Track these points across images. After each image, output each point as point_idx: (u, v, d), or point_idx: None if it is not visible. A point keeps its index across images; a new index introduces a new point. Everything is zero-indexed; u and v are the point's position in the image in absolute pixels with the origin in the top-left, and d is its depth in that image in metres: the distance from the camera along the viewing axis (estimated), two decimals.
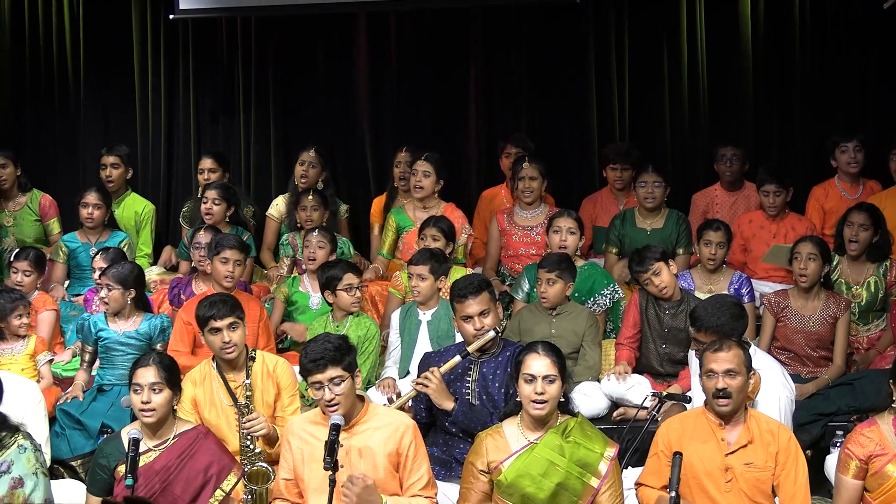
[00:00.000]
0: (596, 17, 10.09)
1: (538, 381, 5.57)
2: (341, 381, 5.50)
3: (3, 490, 5.59)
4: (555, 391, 5.59)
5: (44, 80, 10.45)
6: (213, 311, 6.35)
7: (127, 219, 9.14)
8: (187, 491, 5.69)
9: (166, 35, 10.37)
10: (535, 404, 5.58)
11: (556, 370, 5.60)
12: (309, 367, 5.51)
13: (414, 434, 5.62)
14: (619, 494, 5.61)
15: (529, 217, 8.60)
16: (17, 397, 6.45)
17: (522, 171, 8.55)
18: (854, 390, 7.10)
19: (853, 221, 7.76)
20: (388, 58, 10.36)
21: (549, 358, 5.62)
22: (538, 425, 5.64)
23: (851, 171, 8.76)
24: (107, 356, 7.23)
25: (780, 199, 8.38)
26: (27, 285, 7.89)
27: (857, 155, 8.71)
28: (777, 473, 5.54)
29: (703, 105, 10.04)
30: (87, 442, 6.88)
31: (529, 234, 8.56)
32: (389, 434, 5.58)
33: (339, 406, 5.50)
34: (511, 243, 8.61)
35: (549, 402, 5.59)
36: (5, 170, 9.10)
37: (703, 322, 6.31)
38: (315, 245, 7.97)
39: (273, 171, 10.39)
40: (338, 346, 5.55)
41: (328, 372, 5.48)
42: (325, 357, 5.48)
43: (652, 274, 7.28)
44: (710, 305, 6.41)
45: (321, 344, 5.54)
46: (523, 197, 8.57)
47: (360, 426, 5.60)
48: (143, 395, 5.71)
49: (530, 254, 8.48)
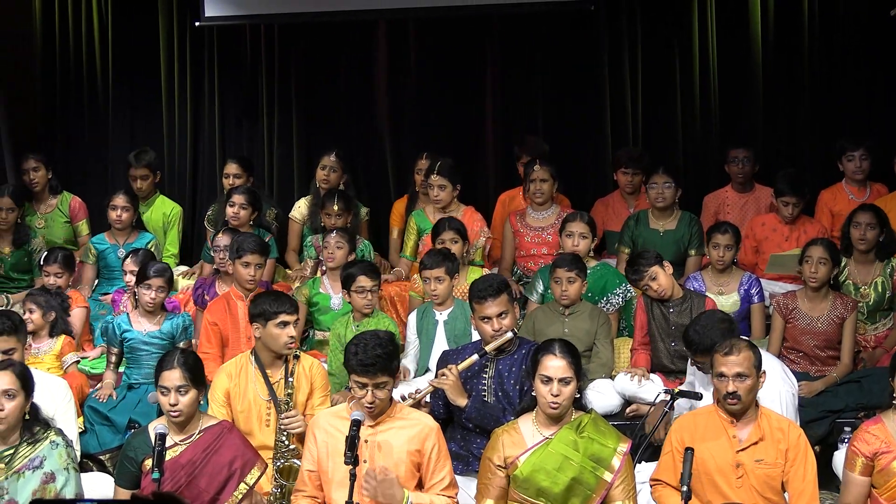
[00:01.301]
0: (609, 25, 10.09)
1: (554, 383, 5.57)
2: (385, 386, 5.52)
3: (36, 484, 5.59)
4: (570, 392, 5.60)
5: (74, 86, 10.48)
6: (284, 307, 6.33)
7: (155, 220, 9.17)
8: (212, 484, 5.69)
9: (192, 42, 10.40)
10: (550, 405, 5.59)
11: (571, 372, 5.60)
12: (358, 370, 5.48)
13: (437, 437, 5.63)
14: (631, 488, 5.62)
15: (541, 218, 8.60)
16: (48, 394, 6.47)
17: (534, 173, 8.55)
18: (861, 388, 7.11)
19: (860, 221, 7.75)
20: (408, 64, 10.37)
21: (566, 360, 5.62)
22: (553, 422, 5.64)
23: (857, 179, 8.76)
24: (132, 356, 7.26)
25: (798, 208, 8.37)
26: (60, 286, 7.93)
27: (862, 163, 8.72)
28: (787, 470, 5.53)
29: (713, 109, 10.04)
30: (115, 437, 6.92)
31: (541, 234, 8.56)
32: (413, 434, 5.59)
33: (376, 407, 5.52)
34: (524, 244, 8.61)
35: (564, 403, 5.59)
36: (37, 173, 9.15)
37: (698, 346, 6.28)
38: (333, 246, 7.98)
39: (295, 175, 10.41)
40: (389, 351, 5.53)
41: (378, 378, 5.48)
42: (377, 364, 5.46)
43: (649, 279, 7.29)
44: (700, 327, 6.36)
45: (372, 348, 5.50)
46: (534, 198, 8.57)
47: (385, 423, 5.61)
48: (171, 397, 5.72)
49: (542, 254, 8.48)
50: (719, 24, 9.98)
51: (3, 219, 8.62)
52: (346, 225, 8.46)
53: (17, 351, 6.59)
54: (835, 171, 8.96)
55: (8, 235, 8.69)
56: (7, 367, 5.76)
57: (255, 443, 6.10)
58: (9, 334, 6.58)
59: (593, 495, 5.55)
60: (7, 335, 6.57)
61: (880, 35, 9.58)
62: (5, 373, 5.69)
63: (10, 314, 6.95)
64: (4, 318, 6.71)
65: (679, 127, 10.10)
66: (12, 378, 5.67)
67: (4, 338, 6.56)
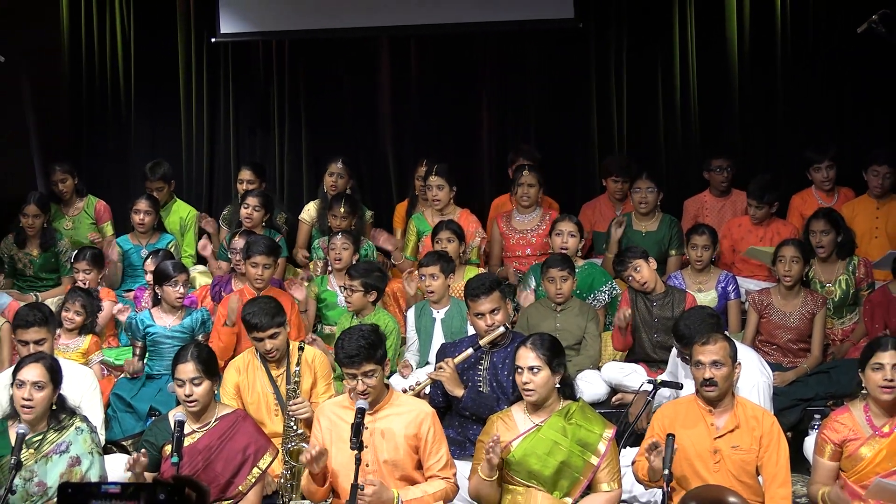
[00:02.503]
0: (596, 41, 10.11)
1: (525, 372, 5.61)
2: (373, 375, 5.53)
3: (63, 467, 5.63)
4: (540, 380, 5.60)
5: (98, 98, 10.51)
6: (256, 321, 6.40)
7: (173, 223, 9.18)
8: (227, 469, 5.72)
9: (208, 57, 10.42)
10: (524, 392, 5.63)
11: (540, 361, 5.61)
12: (345, 362, 5.52)
13: (433, 421, 5.64)
14: (616, 471, 5.64)
15: (526, 221, 8.61)
16: (75, 383, 6.49)
17: (522, 178, 8.57)
18: (830, 378, 7.13)
19: (815, 229, 7.76)
20: (409, 77, 10.40)
21: (535, 351, 5.64)
22: (537, 409, 5.67)
23: (825, 189, 8.79)
24: (155, 349, 7.28)
25: (762, 212, 8.40)
26: (90, 282, 7.97)
27: (828, 173, 8.73)
28: (761, 455, 5.53)
29: (693, 119, 10.06)
30: (137, 424, 6.93)
31: (525, 236, 8.57)
32: (410, 419, 5.60)
33: (369, 395, 5.53)
34: (509, 245, 8.63)
35: (536, 390, 5.61)
36: (65, 183, 9.19)
37: (688, 339, 6.20)
38: (340, 247, 8.01)
39: (304, 180, 10.42)
40: (371, 342, 5.54)
41: (363, 367, 5.50)
42: (360, 354, 5.48)
43: (632, 270, 7.31)
44: (690, 322, 6.33)
45: (356, 340, 5.53)
46: (521, 202, 8.59)
47: (383, 411, 5.62)
48: (186, 388, 5.75)
49: (526, 254, 8.50)
50: (699, 39, 10.00)
51: (30, 224, 8.64)
52: (351, 227, 8.48)
53: (46, 341, 6.62)
54: (805, 177, 8.96)
55: (35, 239, 8.71)
56: (38, 360, 5.78)
57: (267, 431, 6.14)
58: (39, 325, 6.62)
59: (581, 477, 5.57)
60: (38, 326, 6.61)
61: (849, 50, 9.58)
62: (36, 365, 5.72)
63: (40, 306, 6.98)
64: (36, 311, 6.75)
65: (661, 135, 10.13)
66: (42, 371, 5.69)
67: (35, 329, 6.60)
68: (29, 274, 8.73)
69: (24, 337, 6.60)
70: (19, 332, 6.63)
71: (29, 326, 6.59)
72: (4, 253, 8.72)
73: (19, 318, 6.69)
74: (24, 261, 8.70)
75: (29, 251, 8.70)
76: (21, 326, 6.62)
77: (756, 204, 8.38)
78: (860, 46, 9.05)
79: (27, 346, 6.54)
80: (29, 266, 8.70)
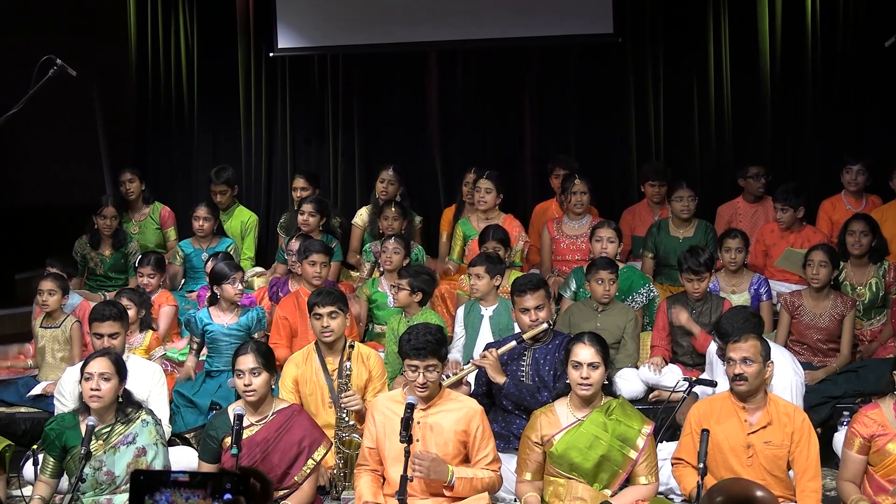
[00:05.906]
0: (635, 54, 10.06)
1: (584, 367, 5.60)
2: (434, 370, 5.55)
3: (130, 458, 5.69)
4: (598, 376, 5.62)
5: (163, 110, 10.56)
6: (317, 300, 6.47)
7: (234, 227, 9.23)
8: (284, 460, 5.75)
9: (267, 70, 10.46)
10: (581, 387, 5.61)
11: (599, 358, 5.62)
12: (411, 354, 5.55)
13: (482, 418, 5.66)
14: (653, 465, 5.64)
15: (576, 227, 8.58)
16: (143, 379, 6.55)
17: (574, 186, 8.52)
18: (858, 376, 7.09)
19: (854, 230, 7.71)
20: (456, 89, 10.38)
21: (594, 347, 5.65)
22: (584, 404, 5.66)
23: (852, 190, 8.71)
24: (213, 346, 7.29)
25: (787, 215, 8.31)
26: (152, 285, 8.03)
27: (858, 177, 8.66)
28: (792, 450, 5.51)
29: (727, 129, 9.99)
30: (199, 418, 6.94)
31: (576, 241, 8.54)
32: (460, 416, 5.62)
33: (427, 390, 5.55)
34: (560, 250, 8.60)
35: (594, 385, 5.61)
36: (133, 184, 9.26)
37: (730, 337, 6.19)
38: (391, 251, 8.01)
39: (357, 187, 10.43)
40: (438, 338, 5.60)
41: (427, 360, 5.53)
42: (427, 348, 5.52)
43: (698, 281, 7.25)
44: (734, 321, 6.32)
45: (423, 335, 5.58)
46: (574, 209, 8.55)
47: (435, 407, 5.64)
48: (245, 378, 5.78)
49: (576, 259, 8.46)
50: (733, 53, 9.94)
51: (107, 225, 8.74)
52: (401, 230, 8.50)
53: (120, 335, 6.69)
54: (834, 183, 8.90)
55: (109, 240, 8.80)
56: (104, 354, 5.86)
57: (321, 421, 6.16)
58: (114, 320, 6.69)
59: (620, 471, 5.58)
60: (113, 320, 6.68)
61: (876, 64, 9.51)
62: (103, 359, 5.79)
63: (115, 303, 7.06)
64: (111, 306, 6.85)
65: (697, 144, 10.07)
66: (108, 363, 5.75)
67: (110, 322, 6.66)
68: (99, 273, 8.81)
69: (99, 330, 6.66)
70: (95, 326, 6.69)
71: (105, 320, 6.66)
72: (78, 253, 8.82)
73: (96, 312, 6.77)
74: (96, 260, 8.80)
75: (101, 251, 8.79)
76: (97, 320, 6.69)
77: (781, 206, 8.31)
78: (889, 59, 8.97)
79: (101, 339, 6.62)
80: (100, 265, 8.79)
